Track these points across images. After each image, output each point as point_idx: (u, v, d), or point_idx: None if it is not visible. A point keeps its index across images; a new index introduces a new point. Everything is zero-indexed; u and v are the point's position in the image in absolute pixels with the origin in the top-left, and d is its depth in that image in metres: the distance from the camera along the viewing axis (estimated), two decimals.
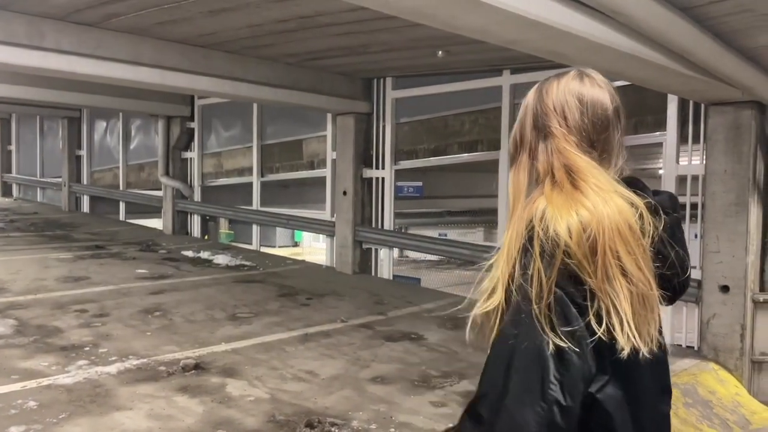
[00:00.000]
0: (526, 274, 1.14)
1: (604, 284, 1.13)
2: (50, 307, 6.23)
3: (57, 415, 3.77)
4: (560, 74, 1.31)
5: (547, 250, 1.13)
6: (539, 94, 1.30)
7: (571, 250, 1.12)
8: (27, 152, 17.68)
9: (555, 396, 1.08)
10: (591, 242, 1.13)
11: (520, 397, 1.09)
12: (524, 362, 1.11)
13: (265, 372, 4.69)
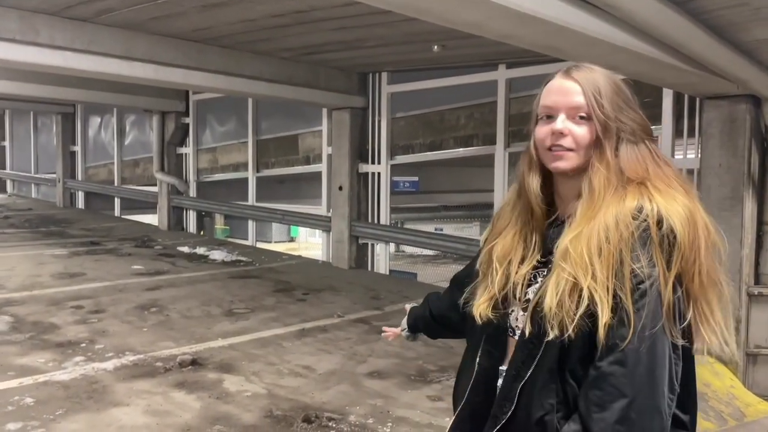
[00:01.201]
0: (653, 270, 1.12)
1: (699, 286, 1.16)
2: (46, 304, 6.22)
3: (54, 411, 3.77)
4: (609, 73, 1.29)
5: (666, 245, 1.13)
6: (620, 89, 1.25)
7: (685, 246, 1.13)
8: (21, 148, 17.61)
9: (676, 388, 1.16)
10: (696, 243, 1.15)
11: (663, 394, 1.13)
12: (662, 360, 1.13)
13: (262, 367, 4.70)
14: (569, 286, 1.17)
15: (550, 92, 1.29)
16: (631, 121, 1.24)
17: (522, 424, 1.24)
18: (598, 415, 1.12)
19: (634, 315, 1.11)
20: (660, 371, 1.12)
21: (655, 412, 1.11)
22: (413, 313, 1.87)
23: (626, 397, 1.11)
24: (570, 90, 1.25)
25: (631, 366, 1.11)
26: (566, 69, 1.30)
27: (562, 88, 1.27)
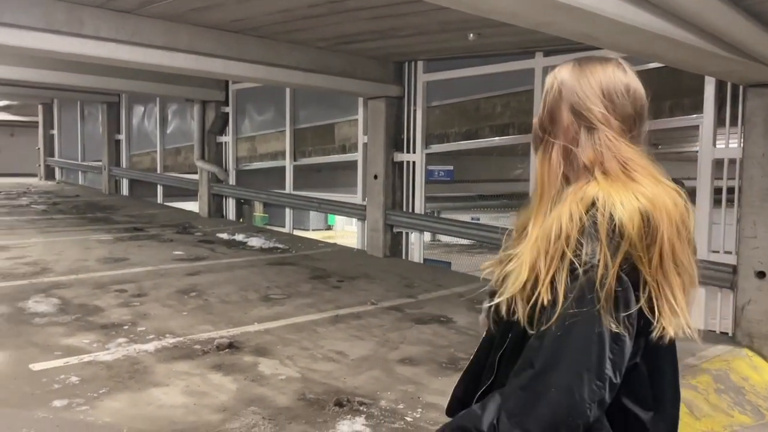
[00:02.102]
0: (592, 260, 1.15)
1: (658, 275, 1.17)
2: (91, 287, 6.45)
3: (97, 390, 3.94)
4: (602, 60, 1.28)
5: (614, 237, 1.15)
6: (581, 77, 1.25)
7: (633, 238, 1.14)
8: (68, 136, 18.18)
9: (609, 375, 1.15)
10: (652, 232, 1.16)
11: (578, 375, 1.14)
12: (583, 343, 1.15)
13: (296, 352, 4.80)
14: (525, 271, 1.22)
15: None
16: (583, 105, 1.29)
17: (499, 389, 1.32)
18: (511, 379, 1.21)
19: (562, 299, 1.16)
20: (577, 354, 1.14)
21: (563, 390, 1.14)
22: None
23: (533, 368, 1.17)
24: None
25: (546, 342, 1.17)
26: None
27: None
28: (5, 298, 5.88)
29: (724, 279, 5.52)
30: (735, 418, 4.27)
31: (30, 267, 7.24)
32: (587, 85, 1.24)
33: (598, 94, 1.23)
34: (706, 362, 4.88)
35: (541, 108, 1.30)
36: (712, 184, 5.66)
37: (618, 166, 1.21)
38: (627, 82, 1.26)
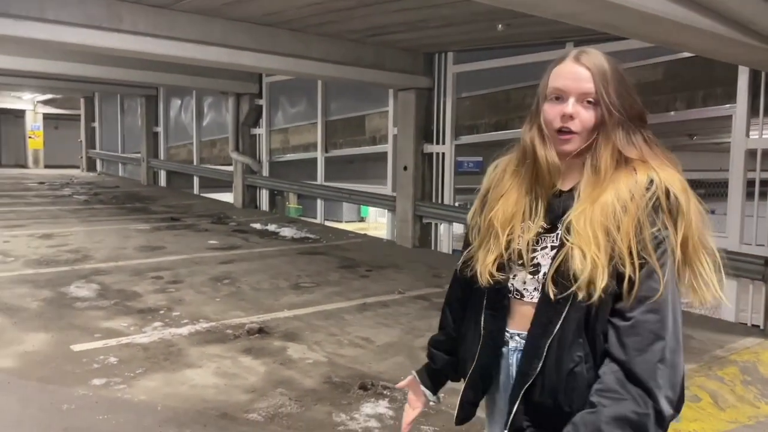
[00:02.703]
0: (666, 232, 1.28)
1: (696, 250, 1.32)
2: (129, 274, 6.70)
3: (134, 370, 4.13)
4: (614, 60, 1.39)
5: (674, 215, 1.28)
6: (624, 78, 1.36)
7: (687, 213, 1.29)
8: (109, 129, 18.70)
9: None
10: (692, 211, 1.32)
11: (682, 334, 1.30)
12: (680, 307, 1.31)
13: (323, 337, 4.92)
14: (595, 251, 1.29)
15: (561, 76, 1.38)
16: (631, 108, 1.36)
17: (551, 378, 1.36)
18: (640, 358, 1.26)
19: (660, 270, 1.26)
20: (680, 317, 1.29)
21: (681, 350, 1.28)
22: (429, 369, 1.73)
23: (663, 339, 1.26)
24: (581, 75, 1.34)
25: (663, 313, 1.27)
26: (576, 54, 1.38)
27: (573, 73, 1.36)
28: (49, 284, 6.15)
29: (755, 271, 5.45)
30: (761, 409, 4.24)
31: (72, 254, 7.53)
32: (628, 86, 1.37)
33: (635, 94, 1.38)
34: (735, 354, 4.84)
35: (603, 93, 1.33)
36: (744, 176, 5.58)
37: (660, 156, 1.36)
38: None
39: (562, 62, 1.39)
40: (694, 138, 9.28)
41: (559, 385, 1.36)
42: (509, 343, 1.47)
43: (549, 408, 1.37)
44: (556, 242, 1.39)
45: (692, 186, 1.32)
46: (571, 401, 1.35)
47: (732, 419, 4.02)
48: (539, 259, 1.40)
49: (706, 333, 5.30)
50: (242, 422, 3.48)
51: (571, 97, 1.36)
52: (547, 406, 1.37)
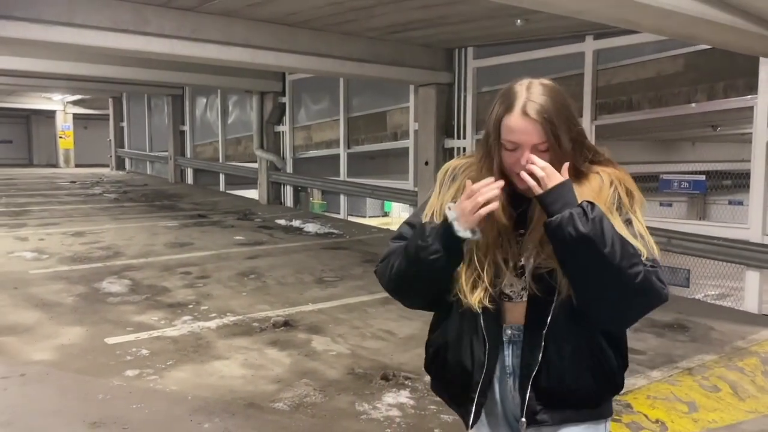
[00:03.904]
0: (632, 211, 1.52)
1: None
2: (159, 270, 6.90)
3: (165, 361, 4.30)
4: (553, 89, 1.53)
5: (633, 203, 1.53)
6: (565, 106, 1.51)
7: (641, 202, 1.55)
8: (137, 128, 19.07)
9: None
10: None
11: None
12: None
13: (347, 330, 5.05)
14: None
15: (512, 131, 1.47)
16: (577, 134, 1.52)
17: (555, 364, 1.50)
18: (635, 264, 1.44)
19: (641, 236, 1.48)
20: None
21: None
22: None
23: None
24: (530, 130, 1.45)
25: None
26: (522, 106, 1.46)
27: (523, 128, 1.46)
28: (82, 280, 6.38)
29: None
30: None
31: (104, 251, 7.78)
32: (572, 112, 1.54)
33: (574, 115, 1.53)
34: (756, 345, 4.84)
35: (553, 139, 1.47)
36: (766, 167, 5.55)
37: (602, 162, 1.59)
38: None
39: (511, 113, 1.47)
40: (717, 129, 9.18)
41: (564, 369, 1.51)
42: (503, 337, 1.58)
43: (558, 390, 1.51)
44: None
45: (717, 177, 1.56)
46: (576, 378, 1.50)
47: (751, 409, 4.04)
48: (523, 261, 1.53)
49: (728, 324, 5.31)
50: (268, 411, 3.62)
51: (525, 149, 1.46)
52: (556, 389, 1.51)
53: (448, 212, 1.47)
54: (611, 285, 1.40)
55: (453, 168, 1.63)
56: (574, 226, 1.36)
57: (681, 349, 4.71)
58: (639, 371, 4.25)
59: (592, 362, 1.52)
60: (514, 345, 1.56)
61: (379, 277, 1.66)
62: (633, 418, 3.66)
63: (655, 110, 6.79)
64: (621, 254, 1.38)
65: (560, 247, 1.41)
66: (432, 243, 1.48)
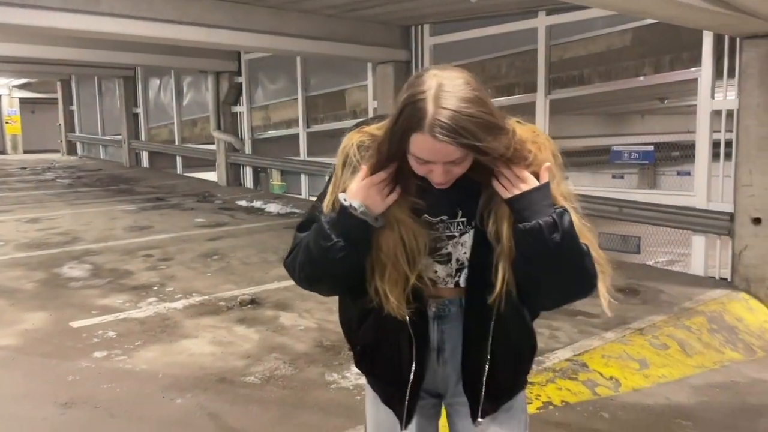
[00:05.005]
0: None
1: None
2: (120, 253, 6.84)
3: (133, 342, 4.31)
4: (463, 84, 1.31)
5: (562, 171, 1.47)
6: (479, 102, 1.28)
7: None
8: (88, 112, 18.57)
9: None
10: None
11: None
12: None
13: (313, 306, 5.13)
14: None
15: (422, 150, 1.29)
16: (495, 126, 1.30)
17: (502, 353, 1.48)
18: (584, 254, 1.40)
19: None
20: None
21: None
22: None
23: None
24: (443, 151, 1.28)
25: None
26: (430, 126, 1.26)
27: (434, 150, 1.28)
28: (41, 265, 6.29)
29: (722, 227, 5.72)
30: (726, 355, 4.54)
31: (61, 237, 7.65)
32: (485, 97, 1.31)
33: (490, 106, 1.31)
34: (702, 305, 5.13)
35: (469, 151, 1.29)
36: (710, 137, 5.82)
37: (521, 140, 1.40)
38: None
39: (419, 131, 1.27)
40: (665, 101, 9.51)
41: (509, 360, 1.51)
42: (428, 312, 1.51)
43: (504, 382, 1.53)
44: (465, 230, 1.47)
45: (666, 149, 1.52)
46: (517, 364, 1.55)
47: (698, 364, 4.31)
48: (449, 249, 1.47)
49: (676, 287, 5.59)
50: (240, 385, 3.70)
51: (438, 165, 1.31)
52: (503, 382, 1.53)
53: (344, 201, 1.38)
54: (566, 282, 1.40)
55: (357, 147, 1.43)
56: (543, 237, 1.31)
57: (633, 311, 4.95)
58: (594, 333, 4.47)
59: (527, 341, 1.55)
60: (440, 320, 1.51)
61: (289, 273, 1.54)
62: (589, 376, 3.87)
63: (605, 84, 7.01)
64: (581, 253, 1.37)
65: (528, 253, 1.36)
66: (336, 240, 1.38)
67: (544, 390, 3.65)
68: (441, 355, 1.53)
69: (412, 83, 1.31)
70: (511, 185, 1.35)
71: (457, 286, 1.50)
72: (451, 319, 1.51)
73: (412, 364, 1.49)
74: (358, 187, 1.37)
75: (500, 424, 1.55)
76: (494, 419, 1.54)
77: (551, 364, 3.95)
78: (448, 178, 1.35)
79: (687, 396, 3.82)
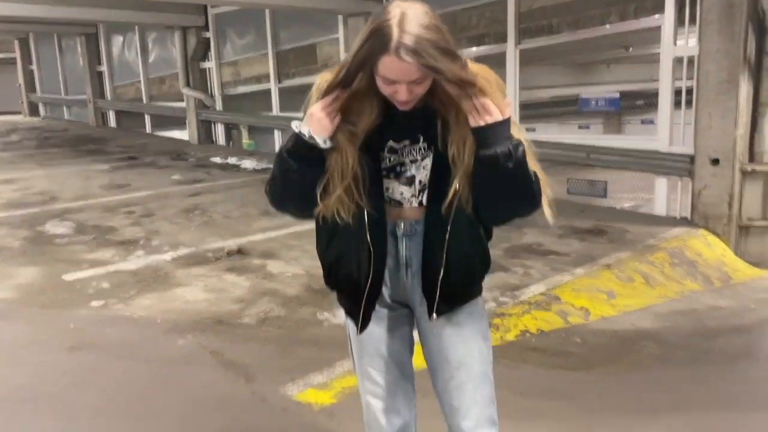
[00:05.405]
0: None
1: None
2: (101, 211, 6.90)
3: (128, 292, 4.47)
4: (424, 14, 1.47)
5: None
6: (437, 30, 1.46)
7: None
8: (49, 71, 18.07)
9: None
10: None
11: None
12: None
13: (299, 254, 5.33)
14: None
15: (388, 69, 1.47)
16: (452, 55, 1.48)
17: (456, 259, 1.67)
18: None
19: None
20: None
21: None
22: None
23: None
24: (406, 70, 1.45)
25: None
26: (395, 47, 1.43)
27: (399, 69, 1.46)
28: (24, 224, 6.33)
29: (683, 169, 6.05)
30: (686, 286, 4.90)
31: (39, 196, 7.65)
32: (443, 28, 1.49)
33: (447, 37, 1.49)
34: (664, 242, 5.48)
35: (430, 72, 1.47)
36: (672, 83, 6.08)
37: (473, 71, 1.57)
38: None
39: (385, 54, 1.44)
40: (629, 50, 9.76)
41: (462, 265, 1.71)
42: (397, 232, 1.70)
43: (459, 284, 1.72)
44: (426, 154, 1.65)
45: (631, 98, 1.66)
46: (471, 269, 1.74)
47: (661, 294, 4.66)
48: (413, 171, 1.66)
49: (640, 227, 5.92)
50: (237, 326, 3.91)
51: (402, 84, 1.49)
52: (458, 283, 1.72)
53: (295, 128, 1.58)
54: (515, 199, 1.61)
55: (323, 83, 1.61)
56: (502, 164, 1.52)
57: (600, 249, 5.27)
58: (565, 270, 4.78)
59: (479, 253, 1.74)
60: (408, 238, 1.69)
61: (269, 198, 1.75)
62: (561, 307, 4.18)
63: (573, 33, 7.19)
64: (529, 178, 1.58)
65: (484, 175, 1.55)
66: (292, 163, 1.60)
67: (521, 320, 3.94)
68: (409, 269, 1.72)
69: (379, 14, 1.48)
70: (479, 116, 1.52)
71: (421, 205, 1.68)
72: (417, 236, 1.69)
73: (369, 274, 1.67)
74: (309, 114, 1.57)
75: (456, 325, 1.77)
76: (451, 320, 1.76)
77: (526, 298, 4.25)
78: (412, 97, 1.53)
79: (651, 322, 4.16)
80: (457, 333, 1.77)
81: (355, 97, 1.56)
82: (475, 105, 1.53)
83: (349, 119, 1.59)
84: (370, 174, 1.62)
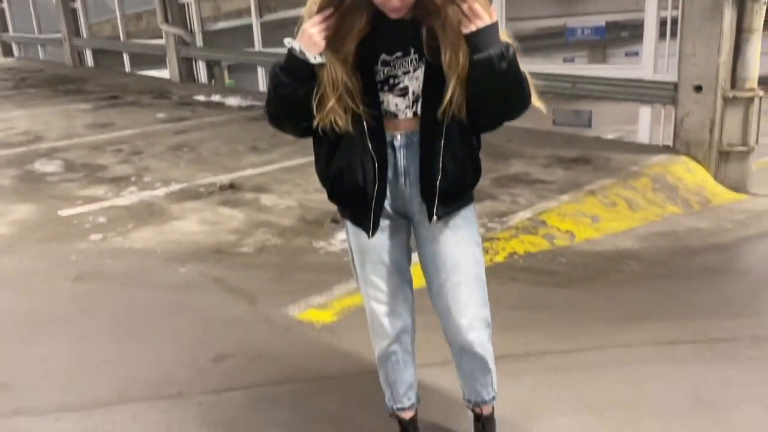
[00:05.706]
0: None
1: None
2: (88, 149, 6.89)
3: (125, 225, 4.55)
4: None
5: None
6: None
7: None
8: (20, 9, 17.48)
9: None
10: None
11: None
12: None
13: (291, 188, 5.41)
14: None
15: None
16: None
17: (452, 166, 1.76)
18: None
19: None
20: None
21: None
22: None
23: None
24: None
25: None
26: None
27: None
28: (12, 164, 6.32)
29: (667, 96, 6.13)
30: (667, 209, 5.08)
31: (23, 136, 7.59)
32: None
33: None
34: (647, 168, 5.62)
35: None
36: (658, 12, 6.09)
37: None
38: None
39: None
40: None
41: (457, 171, 1.80)
42: (395, 143, 1.78)
43: (453, 190, 1.82)
44: (417, 65, 1.70)
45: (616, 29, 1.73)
46: (465, 176, 1.83)
47: (643, 218, 4.84)
48: (406, 82, 1.72)
49: (623, 155, 6.05)
50: (235, 255, 4.03)
51: None
52: (452, 188, 1.81)
53: (287, 44, 1.65)
54: (510, 99, 1.69)
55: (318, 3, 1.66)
56: (496, 66, 1.59)
57: (585, 176, 5.41)
58: (550, 197, 4.92)
59: (471, 160, 1.82)
60: (406, 149, 1.77)
61: (267, 118, 1.81)
62: (547, 231, 4.34)
63: None
64: (521, 77, 1.66)
65: (480, 78, 1.62)
66: (283, 78, 1.67)
67: (509, 243, 4.10)
68: (407, 179, 1.81)
69: None
70: (469, 21, 1.58)
71: (415, 115, 1.75)
72: (414, 147, 1.77)
73: (375, 181, 1.76)
74: (301, 30, 1.63)
75: (452, 228, 1.88)
76: (448, 224, 1.87)
77: (514, 223, 4.39)
78: (404, 3, 1.59)
79: (633, 242, 4.34)
80: (453, 236, 1.88)
81: (347, 12, 1.61)
82: (463, 10, 1.59)
83: (340, 35, 1.63)
84: (364, 87, 1.69)
